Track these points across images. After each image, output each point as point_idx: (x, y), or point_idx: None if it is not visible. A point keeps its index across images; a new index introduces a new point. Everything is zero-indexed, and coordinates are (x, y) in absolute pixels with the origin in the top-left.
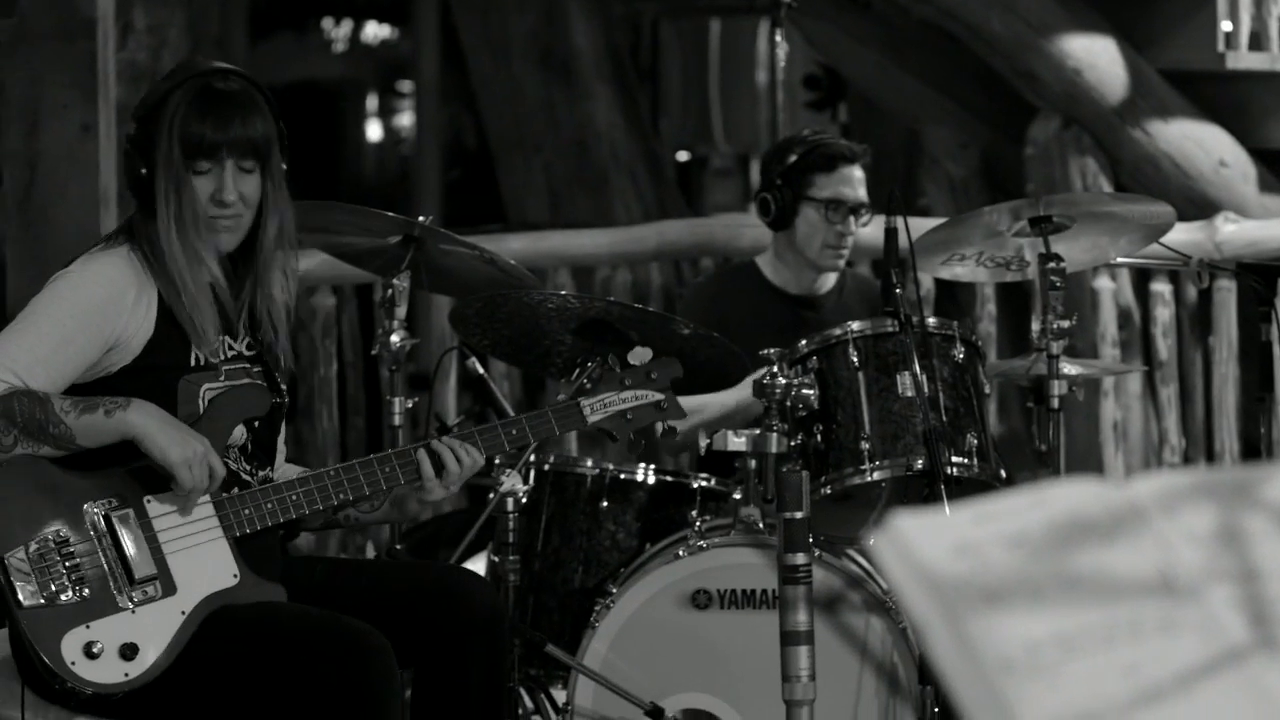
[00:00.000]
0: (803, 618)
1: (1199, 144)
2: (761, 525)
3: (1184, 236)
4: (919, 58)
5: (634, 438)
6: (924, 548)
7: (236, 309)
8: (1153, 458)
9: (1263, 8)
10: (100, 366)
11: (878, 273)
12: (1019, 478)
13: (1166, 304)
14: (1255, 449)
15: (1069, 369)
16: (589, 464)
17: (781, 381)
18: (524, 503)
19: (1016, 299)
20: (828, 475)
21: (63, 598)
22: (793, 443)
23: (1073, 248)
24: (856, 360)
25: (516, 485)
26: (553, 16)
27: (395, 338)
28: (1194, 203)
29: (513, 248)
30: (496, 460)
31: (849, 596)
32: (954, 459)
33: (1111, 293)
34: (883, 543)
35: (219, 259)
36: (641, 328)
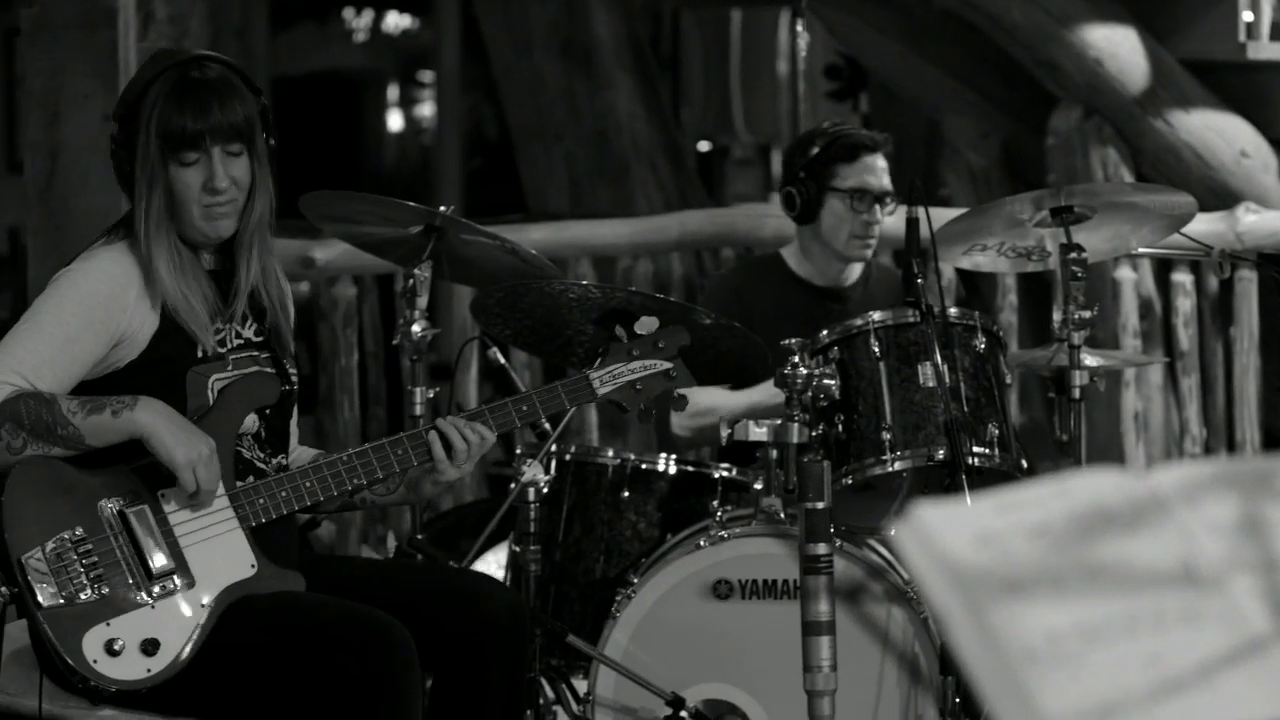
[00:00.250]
0: (824, 608)
1: (1220, 134)
2: (783, 515)
3: (1205, 227)
4: (940, 48)
5: (644, 408)
6: (946, 538)
7: (236, 295)
8: (1174, 448)
9: None
10: (108, 362)
11: (899, 263)
12: (1040, 468)
13: (1188, 294)
14: (1276, 439)
15: (1090, 359)
16: (610, 454)
17: (803, 372)
18: (545, 493)
19: (1038, 289)
20: (849, 465)
21: (82, 596)
22: (814, 433)
23: (1094, 238)
24: (878, 350)
25: (538, 475)
26: (574, 6)
27: (416, 328)
28: (1215, 193)
29: (534, 238)
30: (518, 450)
31: (870, 587)
32: (975, 449)
33: (1133, 283)
34: (904, 533)
35: (213, 247)
36: (663, 317)
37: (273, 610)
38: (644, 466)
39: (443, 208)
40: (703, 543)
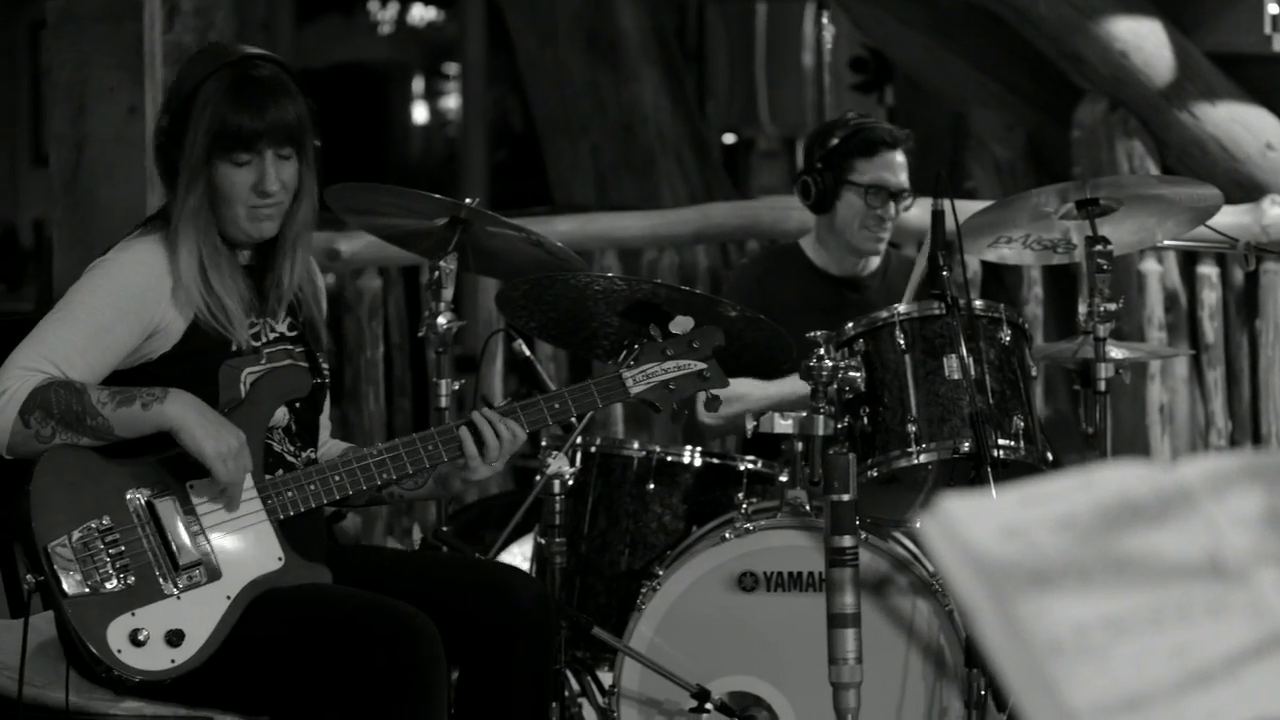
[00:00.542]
0: (849, 600)
1: (1246, 127)
2: (808, 508)
3: (1231, 219)
4: (965, 40)
5: (677, 408)
6: (971, 530)
7: (273, 291)
8: (1199, 441)
9: None
10: (141, 353)
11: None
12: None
13: (1213, 287)
14: None
15: (1116, 352)
16: (635, 446)
17: (828, 364)
18: (570, 485)
19: (1063, 282)
20: (874, 458)
21: (107, 586)
22: (839, 425)
23: (1119, 230)
24: (903, 343)
25: (563, 467)
26: None
27: (442, 320)
28: (1241, 185)
29: (559, 230)
30: (543, 442)
31: (896, 579)
32: (1000, 442)
33: (1158, 275)
34: (930, 525)
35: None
36: (688, 309)
37: (298, 603)
38: (669, 459)
39: (468, 200)
40: (728, 535)
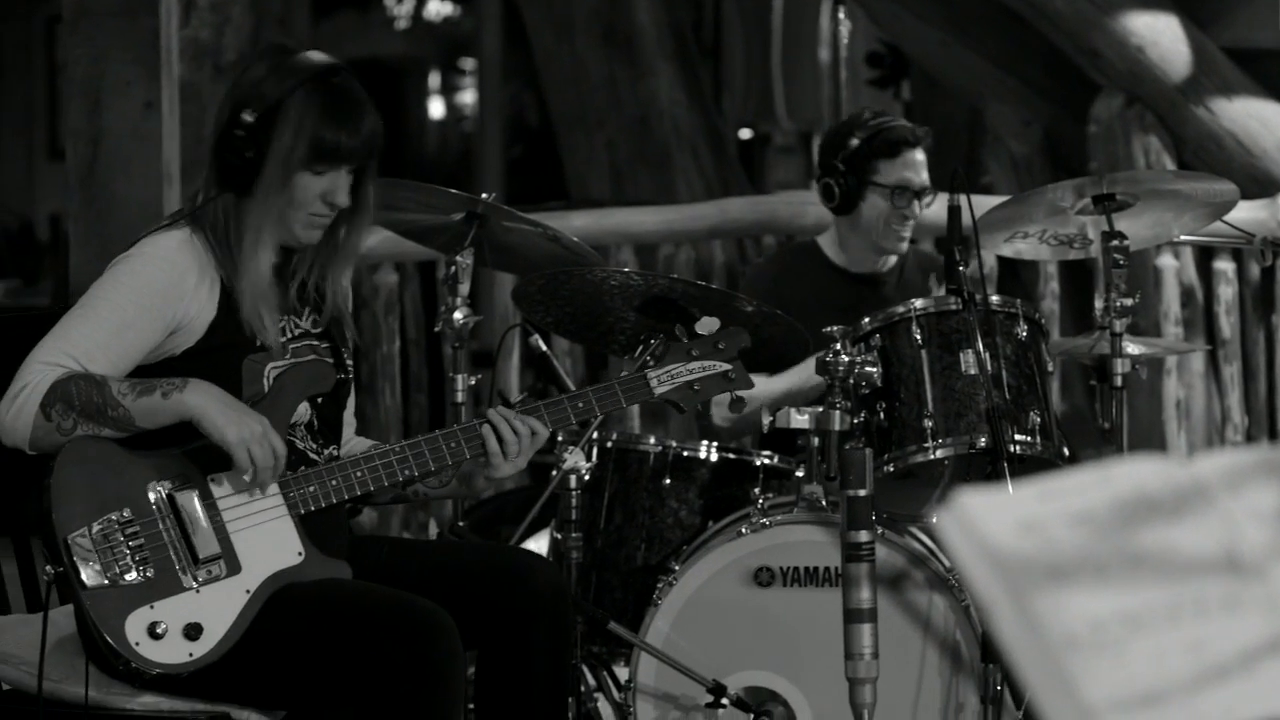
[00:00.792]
0: (866, 595)
1: (1262, 122)
2: (824, 503)
3: (1247, 214)
4: (982, 35)
5: (701, 409)
6: (988, 525)
7: (297, 287)
8: (1215, 436)
9: None
10: (164, 349)
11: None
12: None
13: (1229, 282)
14: None
15: (1132, 347)
16: (652, 441)
17: (845, 359)
18: (587, 480)
19: (1079, 277)
20: (891, 453)
21: (127, 578)
22: (856, 420)
23: (1136, 225)
24: (919, 338)
25: (579, 462)
26: None
27: (458, 315)
28: (1257, 180)
29: (575, 225)
30: (560, 437)
31: (912, 574)
32: (1017, 437)
33: (1174, 271)
34: (947, 520)
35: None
36: (704, 305)
37: (317, 597)
38: (685, 454)
39: (484, 195)
40: (744, 530)
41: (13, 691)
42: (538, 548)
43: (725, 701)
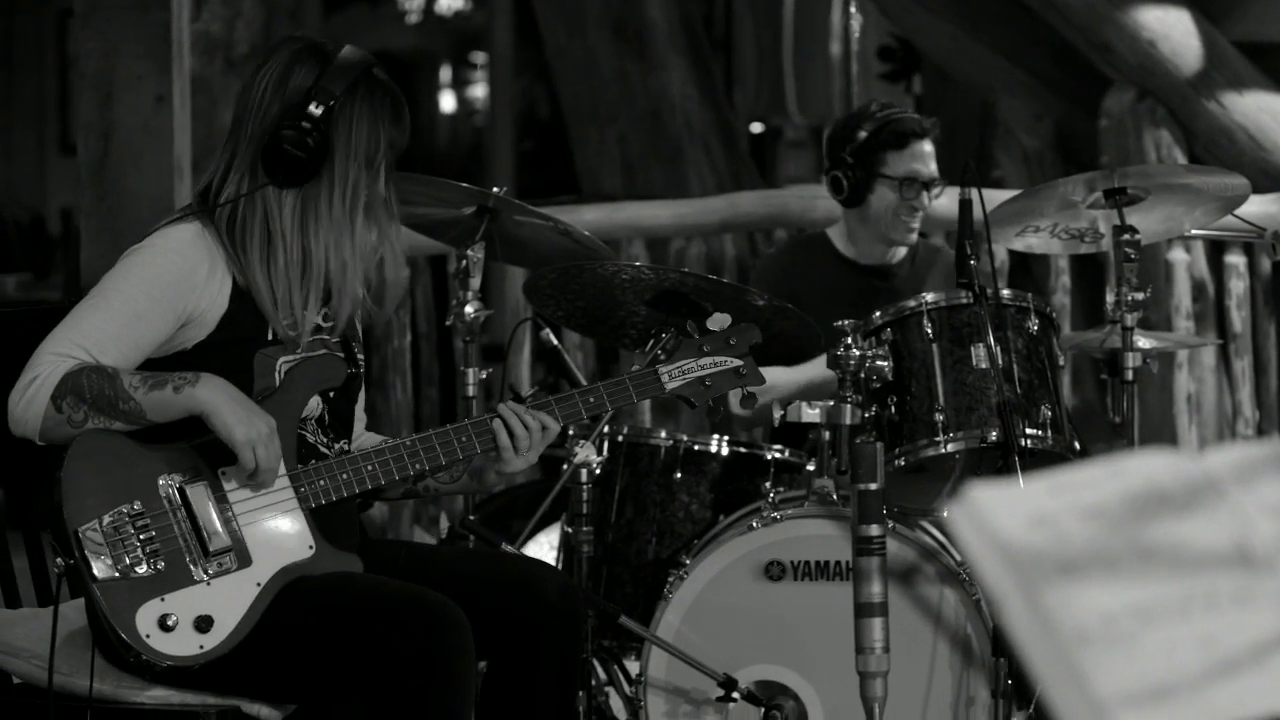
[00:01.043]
0: (877, 589)
1: (1274, 115)
2: (835, 497)
3: (1258, 209)
4: (993, 29)
5: (713, 404)
6: (1000, 519)
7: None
8: (1226, 430)
9: None
10: (175, 342)
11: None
12: (1093, 450)
13: (1241, 276)
14: None
15: (1143, 341)
16: (663, 435)
17: (856, 353)
18: (598, 474)
19: (1091, 271)
20: (902, 447)
21: (137, 570)
22: (867, 414)
23: (1147, 220)
24: (930, 332)
25: (590, 456)
26: None
27: (469, 309)
28: (1269, 174)
29: (586, 219)
30: (571, 431)
31: (923, 568)
32: (1028, 431)
33: (1186, 265)
34: (958, 514)
35: None
36: (715, 299)
37: (328, 591)
38: (696, 448)
39: (495, 189)
40: (755, 524)
41: (23, 685)
42: (548, 542)
43: (736, 695)
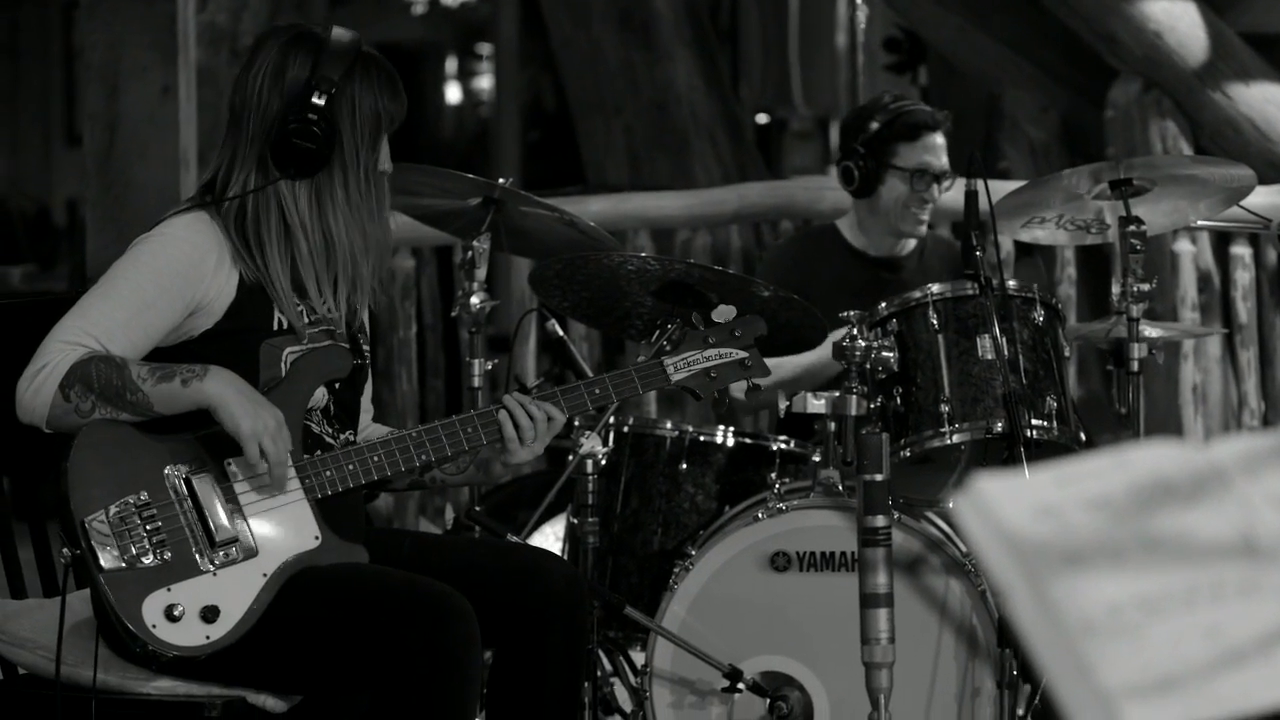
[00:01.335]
0: (882, 580)
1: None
2: (841, 488)
3: (1264, 200)
4: (999, 21)
5: (718, 396)
6: (1005, 510)
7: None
8: (1232, 421)
9: None
10: (182, 330)
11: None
12: (1099, 440)
13: (1246, 267)
14: None
15: (1149, 332)
16: (668, 426)
17: (861, 344)
18: (603, 464)
19: (1096, 262)
20: (907, 438)
21: (144, 560)
22: (872, 405)
23: (1153, 211)
24: (936, 323)
25: (596, 447)
26: None
27: (475, 300)
28: (1274, 165)
29: (592, 210)
30: (576, 422)
31: (928, 559)
32: (1034, 422)
33: (1191, 256)
34: (964, 505)
35: None
36: (721, 290)
37: (333, 581)
38: (702, 438)
39: (501, 180)
40: (760, 515)
41: (29, 675)
42: (554, 532)
43: (741, 686)
